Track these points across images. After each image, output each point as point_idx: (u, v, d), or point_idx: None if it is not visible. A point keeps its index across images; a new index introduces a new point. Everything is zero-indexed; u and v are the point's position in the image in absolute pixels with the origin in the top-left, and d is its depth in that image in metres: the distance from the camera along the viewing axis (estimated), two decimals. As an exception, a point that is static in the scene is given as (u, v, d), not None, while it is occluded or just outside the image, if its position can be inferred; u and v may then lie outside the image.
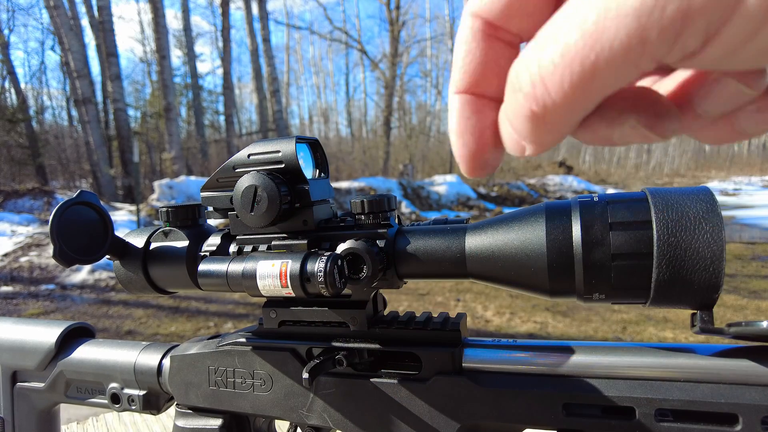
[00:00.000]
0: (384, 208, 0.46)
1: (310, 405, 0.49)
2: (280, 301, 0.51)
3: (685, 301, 0.35)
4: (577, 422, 0.39)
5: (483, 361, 0.44)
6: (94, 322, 4.15)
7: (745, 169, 23.11)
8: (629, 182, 19.78)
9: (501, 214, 0.43)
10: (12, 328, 0.69)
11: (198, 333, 4.08)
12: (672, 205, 0.34)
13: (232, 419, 0.55)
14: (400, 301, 4.69)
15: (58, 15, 10.28)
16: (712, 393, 0.35)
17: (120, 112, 10.87)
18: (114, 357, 0.62)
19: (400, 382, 0.45)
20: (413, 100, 25.60)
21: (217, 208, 0.51)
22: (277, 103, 13.83)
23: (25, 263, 5.99)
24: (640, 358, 0.39)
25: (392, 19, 17.05)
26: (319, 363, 0.44)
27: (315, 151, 0.51)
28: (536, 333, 3.87)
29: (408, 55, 22.68)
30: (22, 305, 4.88)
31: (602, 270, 0.36)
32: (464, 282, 1.63)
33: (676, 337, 3.62)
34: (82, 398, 0.65)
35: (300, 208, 0.48)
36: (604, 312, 4.18)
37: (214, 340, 0.56)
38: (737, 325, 0.34)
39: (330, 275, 0.40)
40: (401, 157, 19.68)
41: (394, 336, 0.47)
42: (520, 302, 4.63)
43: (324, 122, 28.74)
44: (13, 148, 11.97)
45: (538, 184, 15.29)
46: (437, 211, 11.22)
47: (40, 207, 8.67)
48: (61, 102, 19.37)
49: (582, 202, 0.38)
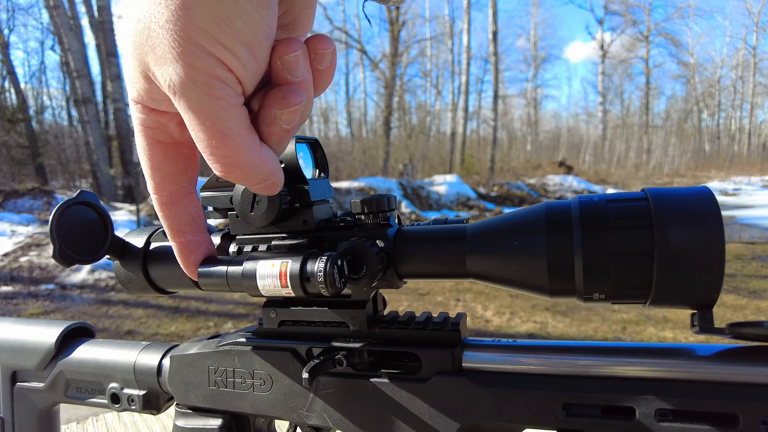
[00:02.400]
0: (384, 208, 0.45)
1: (310, 405, 0.49)
2: (280, 301, 0.51)
3: (685, 301, 0.35)
4: (577, 422, 0.39)
5: (483, 361, 0.44)
6: (94, 322, 4.15)
7: (745, 169, 23.11)
8: (629, 182, 19.78)
9: (501, 214, 0.43)
10: (12, 328, 0.69)
11: (198, 333, 4.08)
12: (672, 205, 0.34)
13: (231, 419, 0.55)
14: (400, 301, 4.69)
15: (57, 15, 10.28)
16: (712, 393, 0.35)
17: (120, 112, 10.86)
18: (114, 357, 0.62)
19: (400, 382, 0.45)
20: (413, 100, 25.61)
21: (216, 208, 0.51)
22: (277, 103, 13.79)
23: (25, 263, 5.99)
24: (640, 358, 0.39)
25: (392, 19, 17.05)
26: (319, 363, 0.44)
27: (315, 151, 0.51)
28: (536, 333, 3.87)
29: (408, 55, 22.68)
30: (22, 305, 4.88)
31: (602, 270, 0.36)
32: (464, 282, 1.63)
33: (676, 337, 3.62)
34: (82, 398, 0.65)
35: (300, 208, 0.48)
36: (604, 312, 4.18)
37: (214, 340, 0.56)
38: (737, 325, 0.34)
39: (330, 275, 0.40)
40: (401, 157, 19.69)
41: (394, 336, 0.47)
42: (520, 302, 4.63)
43: (324, 122, 28.72)
44: (13, 148, 11.97)
45: (538, 184, 15.29)
46: (437, 211, 11.22)
47: (40, 207, 8.67)
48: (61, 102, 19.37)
49: (582, 202, 0.37)
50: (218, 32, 0.30)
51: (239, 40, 0.31)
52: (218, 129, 0.33)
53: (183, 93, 0.32)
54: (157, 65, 0.32)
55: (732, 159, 26.63)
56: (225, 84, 0.32)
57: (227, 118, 0.33)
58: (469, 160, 19.09)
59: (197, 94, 0.32)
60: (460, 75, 20.27)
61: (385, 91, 18.19)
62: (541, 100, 32.16)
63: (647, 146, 29.41)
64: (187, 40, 0.30)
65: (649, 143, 29.54)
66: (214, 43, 0.31)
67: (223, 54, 0.31)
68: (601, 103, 29.92)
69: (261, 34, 0.32)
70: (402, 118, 21.67)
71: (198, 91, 0.32)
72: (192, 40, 0.30)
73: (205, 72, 0.31)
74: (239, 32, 0.31)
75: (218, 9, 0.30)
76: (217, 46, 0.31)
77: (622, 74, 30.88)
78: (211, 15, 0.30)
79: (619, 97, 32.09)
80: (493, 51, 17.17)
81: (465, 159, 18.64)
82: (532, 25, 29.84)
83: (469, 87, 19.33)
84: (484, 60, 25.31)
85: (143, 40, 0.32)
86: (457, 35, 23.91)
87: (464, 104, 18.63)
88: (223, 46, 0.31)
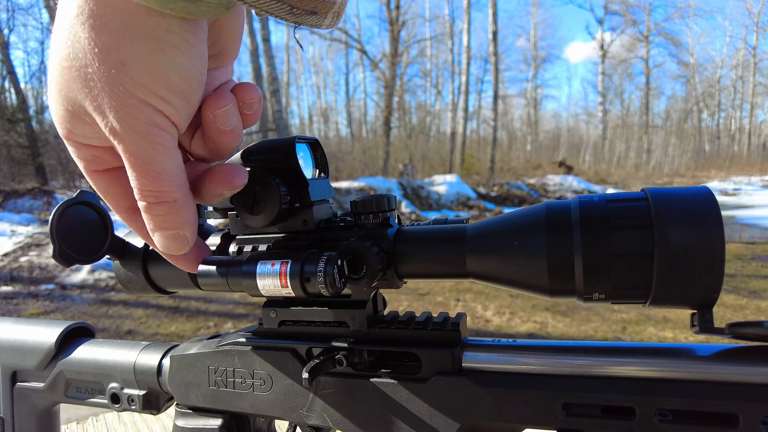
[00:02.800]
0: (384, 208, 0.45)
1: (310, 405, 0.49)
2: (280, 301, 0.51)
3: (685, 301, 0.35)
4: (577, 422, 0.39)
5: (483, 361, 0.44)
6: (94, 322, 4.15)
7: (745, 169, 23.11)
8: (629, 182, 19.78)
9: (501, 214, 0.43)
10: (12, 328, 0.69)
11: (198, 333, 4.08)
12: (672, 205, 0.34)
13: (231, 419, 0.55)
14: (400, 301, 4.69)
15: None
16: (712, 393, 0.35)
17: (120, 112, 10.82)
18: (114, 357, 0.61)
19: (400, 382, 0.45)
20: (413, 100, 25.61)
21: (216, 208, 0.51)
22: (277, 103, 13.83)
23: (25, 263, 5.99)
24: (639, 358, 0.39)
25: (392, 19, 17.05)
26: (319, 363, 0.44)
27: (315, 151, 0.51)
28: (536, 333, 3.87)
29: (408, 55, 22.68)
30: (22, 305, 4.88)
31: (602, 270, 0.36)
32: (464, 282, 1.63)
33: (676, 337, 3.62)
34: (82, 398, 0.65)
35: (300, 208, 0.48)
36: (604, 312, 4.18)
37: (213, 339, 0.56)
38: (737, 325, 0.34)
39: (330, 275, 0.40)
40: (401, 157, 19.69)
41: (394, 336, 0.47)
42: (520, 302, 4.63)
43: (324, 122, 28.74)
44: (13, 148, 11.96)
45: (538, 184, 15.29)
46: (437, 211, 11.22)
47: (40, 207, 8.67)
48: (61, 102, 19.24)
49: (582, 201, 0.37)
50: (155, 86, 0.33)
51: (174, 91, 0.34)
52: (154, 170, 0.36)
53: (122, 139, 0.35)
54: (95, 112, 0.34)
55: (732, 159, 26.62)
56: (162, 130, 0.35)
57: (163, 160, 0.36)
58: (469, 160, 19.09)
59: (136, 140, 0.35)
60: (460, 75, 20.28)
61: (385, 91, 18.19)
62: (541, 100, 32.19)
63: (647, 146, 29.40)
64: (127, 93, 0.33)
65: (649, 143, 29.53)
66: (152, 96, 0.33)
67: (160, 104, 0.34)
68: (601, 103, 29.92)
69: (194, 82, 0.35)
70: (402, 118, 21.67)
71: (137, 138, 0.35)
72: (131, 93, 0.33)
73: (144, 121, 0.34)
74: (174, 84, 0.34)
75: (154, 65, 0.33)
76: (155, 98, 0.34)
77: (622, 74, 30.91)
78: (148, 71, 0.33)
79: (619, 97, 32.11)
80: (493, 51, 17.17)
81: (465, 159, 18.64)
82: (532, 25, 29.86)
83: (469, 87, 19.34)
84: (484, 60, 25.33)
85: (78, 86, 0.34)
86: (457, 35, 23.94)
87: (464, 104, 18.64)
88: (160, 97, 0.34)
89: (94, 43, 0.32)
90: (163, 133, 0.35)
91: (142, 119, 0.34)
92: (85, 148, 0.39)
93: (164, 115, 0.35)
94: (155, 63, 0.33)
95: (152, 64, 0.33)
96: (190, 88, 0.35)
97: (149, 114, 0.34)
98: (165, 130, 0.35)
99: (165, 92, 0.34)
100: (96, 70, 0.32)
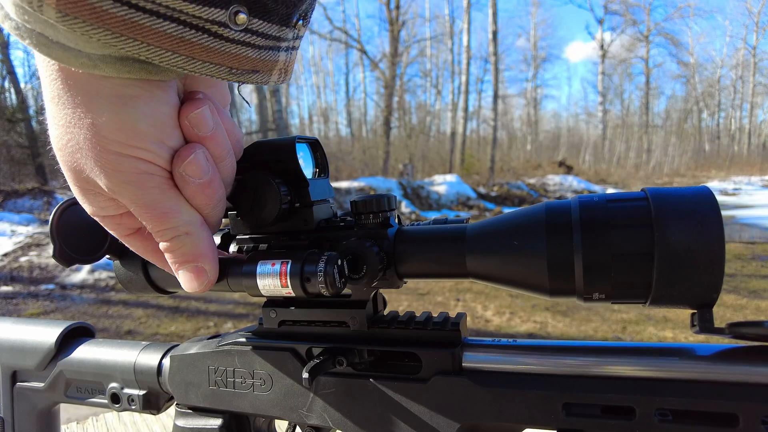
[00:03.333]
0: (384, 207, 0.45)
1: (310, 405, 0.49)
2: (280, 301, 0.51)
3: (685, 300, 0.35)
4: (577, 422, 0.39)
5: (483, 361, 0.44)
6: (94, 322, 4.15)
7: (745, 169, 23.11)
8: (629, 182, 19.78)
9: (501, 214, 0.43)
10: (12, 328, 0.69)
11: (198, 333, 4.08)
12: (672, 205, 0.34)
13: (232, 419, 0.55)
14: (400, 301, 4.69)
15: (58, 15, 10.25)
16: (712, 393, 0.35)
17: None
18: (114, 357, 0.62)
19: (400, 382, 0.45)
20: (413, 100, 25.60)
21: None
22: (277, 103, 13.82)
23: (25, 263, 5.99)
24: (639, 358, 0.39)
25: (392, 19, 17.06)
26: (319, 363, 0.44)
27: (315, 151, 0.51)
28: (536, 333, 3.87)
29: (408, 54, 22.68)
30: (22, 305, 4.88)
31: (602, 270, 0.36)
32: (464, 282, 1.63)
33: (676, 337, 3.62)
34: (82, 398, 0.65)
35: (300, 208, 0.48)
36: (604, 312, 4.18)
37: (213, 339, 0.56)
38: (737, 325, 0.34)
39: (330, 275, 0.40)
40: (401, 157, 19.69)
41: (394, 336, 0.47)
42: (520, 302, 4.63)
43: (324, 122, 28.74)
44: (13, 148, 11.96)
45: (538, 184, 15.29)
46: (437, 210, 11.22)
47: (40, 207, 8.67)
48: (61, 102, 19.24)
49: (582, 201, 0.37)
50: (126, 138, 0.35)
51: (146, 138, 0.36)
52: (159, 211, 0.38)
53: (121, 194, 0.37)
54: (93, 175, 0.36)
55: (732, 159, 26.62)
56: (152, 175, 0.37)
57: (163, 200, 0.38)
58: (469, 160, 19.09)
59: (132, 191, 0.37)
60: (460, 75, 20.28)
61: (385, 91, 18.20)
62: (541, 100, 32.16)
63: (647, 146, 29.40)
64: (105, 151, 0.35)
65: (649, 143, 29.53)
66: (127, 147, 0.35)
67: (138, 153, 0.36)
68: (601, 103, 29.92)
69: (166, 122, 0.36)
70: (402, 118, 21.68)
71: (132, 188, 0.37)
72: (109, 150, 0.35)
73: (131, 172, 0.36)
74: (144, 132, 0.35)
75: (120, 119, 0.34)
76: (131, 149, 0.35)
77: (622, 74, 30.88)
78: (116, 126, 0.34)
79: (619, 97, 32.10)
80: (493, 51, 17.18)
81: (465, 159, 18.64)
82: (532, 25, 29.84)
83: (469, 87, 19.34)
84: (484, 60, 25.30)
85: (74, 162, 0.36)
86: (457, 35, 23.93)
87: (464, 104, 18.65)
88: (135, 147, 0.35)
89: (69, 117, 0.34)
90: (153, 177, 0.37)
91: (129, 171, 0.36)
92: (108, 219, 0.41)
93: (147, 161, 0.36)
94: (120, 117, 0.34)
95: (118, 118, 0.34)
96: (162, 129, 0.36)
97: (133, 164, 0.36)
98: (154, 174, 0.37)
99: (137, 141, 0.35)
100: (78, 140, 0.35)
